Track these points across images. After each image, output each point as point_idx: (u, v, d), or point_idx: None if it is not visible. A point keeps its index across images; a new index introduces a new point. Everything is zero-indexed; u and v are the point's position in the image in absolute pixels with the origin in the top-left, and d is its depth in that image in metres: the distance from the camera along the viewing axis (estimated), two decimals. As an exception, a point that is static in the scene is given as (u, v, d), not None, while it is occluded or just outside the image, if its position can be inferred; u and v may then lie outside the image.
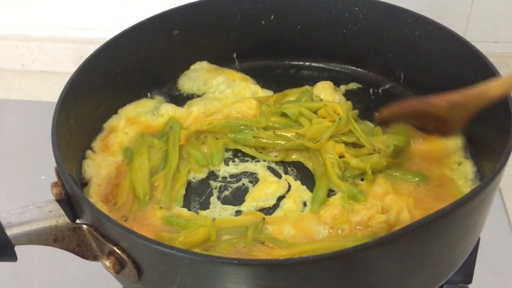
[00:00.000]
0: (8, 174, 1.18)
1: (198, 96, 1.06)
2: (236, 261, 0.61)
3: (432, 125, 0.88)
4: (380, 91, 1.07)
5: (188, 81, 1.08)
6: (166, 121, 0.98)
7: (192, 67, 1.09)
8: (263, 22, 1.09)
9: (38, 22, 1.37)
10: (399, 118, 0.91)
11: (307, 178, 0.90)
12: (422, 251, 0.68)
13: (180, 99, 1.05)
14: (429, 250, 0.68)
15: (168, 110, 1.00)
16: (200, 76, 1.08)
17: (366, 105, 1.04)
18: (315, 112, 0.97)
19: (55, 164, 0.75)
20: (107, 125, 0.97)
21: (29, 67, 1.39)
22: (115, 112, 1.00)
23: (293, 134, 0.93)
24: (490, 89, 0.80)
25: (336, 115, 0.94)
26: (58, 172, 0.75)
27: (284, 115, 0.97)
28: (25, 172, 1.14)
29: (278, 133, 0.94)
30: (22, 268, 1.02)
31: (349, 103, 1.02)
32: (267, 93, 1.06)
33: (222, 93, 1.05)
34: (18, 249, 0.70)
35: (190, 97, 1.05)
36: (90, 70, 0.93)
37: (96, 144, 0.94)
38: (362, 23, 1.06)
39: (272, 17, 1.09)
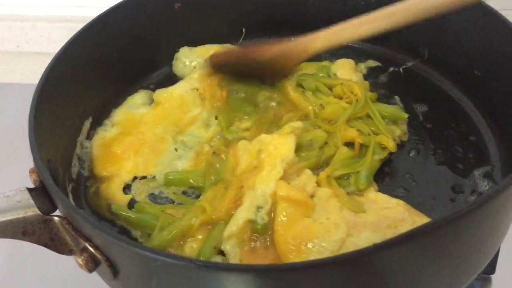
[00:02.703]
0: (3, 159, 1.13)
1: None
2: (212, 265, 0.53)
3: (261, 71, 0.90)
4: (401, 69, 0.97)
5: (182, 64, 0.99)
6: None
7: (177, 55, 1.00)
8: (274, -6, 1.00)
9: (31, 1, 1.30)
10: (231, 65, 0.92)
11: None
12: (454, 247, 0.59)
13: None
14: (461, 245, 0.59)
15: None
16: (195, 55, 0.99)
17: (385, 86, 0.94)
18: (330, 90, 0.89)
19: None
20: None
21: (24, 49, 1.34)
22: (108, 99, 0.93)
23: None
24: (311, 43, 0.84)
25: (353, 95, 0.85)
26: (33, 158, 0.68)
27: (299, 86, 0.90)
28: (20, 157, 1.08)
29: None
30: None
31: (366, 83, 0.93)
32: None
33: None
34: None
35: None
36: (79, 47, 0.86)
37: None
38: (381, -6, 0.95)
39: (284, -12, 1.00)
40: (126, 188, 0.81)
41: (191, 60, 0.99)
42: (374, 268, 0.55)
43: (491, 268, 0.87)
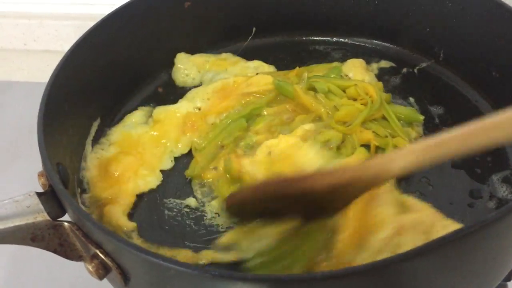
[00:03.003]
0: (9, 160, 1.11)
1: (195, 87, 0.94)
2: (227, 275, 0.51)
3: (302, 210, 0.64)
4: (415, 70, 0.95)
5: (178, 71, 0.97)
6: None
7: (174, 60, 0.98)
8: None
9: (38, -2, 1.29)
10: (256, 205, 0.66)
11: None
12: (475, 257, 0.56)
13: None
14: (488, 252, 0.57)
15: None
16: (190, 64, 0.97)
17: (398, 87, 0.92)
18: (344, 91, 0.87)
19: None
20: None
21: (31, 46, 1.31)
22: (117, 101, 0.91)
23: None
24: (390, 164, 0.58)
25: (368, 97, 0.83)
26: (42, 161, 0.67)
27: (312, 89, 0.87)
28: (27, 158, 1.07)
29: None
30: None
31: (380, 84, 0.91)
32: (272, 68, 0.96)
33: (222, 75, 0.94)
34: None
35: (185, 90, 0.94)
36: (88, 46, 0.84)
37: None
38: (396, -8, 0.93)
39: (294, -14, 0.98)
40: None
41: (186, 68, 0.96)
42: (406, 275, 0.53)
43: (507, 275, 0.85)
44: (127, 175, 0.80)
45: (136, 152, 0.83)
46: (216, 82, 0.92)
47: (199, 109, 0.89)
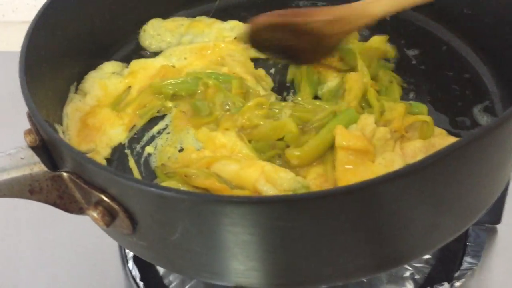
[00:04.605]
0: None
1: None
2: (247, 200, 0.51)
3: (305, 44, 0.79)
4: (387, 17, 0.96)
5: (151, 38, 0.94)
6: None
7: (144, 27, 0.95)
8: None
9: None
10: (272, 33, 0.79)
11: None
12: (461, 178, 0.58)
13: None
14: (469, 176, 0.59)
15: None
16: (163, 29, 0.94)
17: (373, 33, 0.93)
18: None
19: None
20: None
21: (10, 18, 1.29)
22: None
23: None
24: (373, 6, 0.75)
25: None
26: (30, 116, 0.64)
27: None
28: (6, 126, 1.04)
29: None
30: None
31: (356, 32, 0.92)
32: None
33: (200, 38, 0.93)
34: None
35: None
36: (57, 11, 0.81)
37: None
38: None
39: None
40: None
41: (160, 33, 0.94)
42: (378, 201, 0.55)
43: (496, 218, 0.88)
44: (102, 128, 0.79)
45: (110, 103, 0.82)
46: (196, 43, 0.91)
47: (174, 66, 0.88)
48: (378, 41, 0.87)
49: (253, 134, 0.75)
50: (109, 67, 0.88)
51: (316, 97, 0.83)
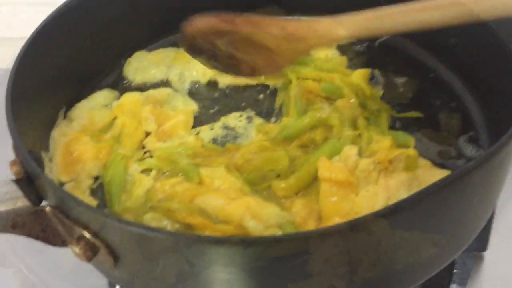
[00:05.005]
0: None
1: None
2: (226, 240, 0.51)
3: (250, 56, 0.69)
4: (376, 44, 0.97)
5: (135, 70, 0.93)
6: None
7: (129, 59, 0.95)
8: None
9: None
10: (212, 38, 0.68)
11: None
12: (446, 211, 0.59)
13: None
14: (453, 210, 0.59)
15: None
16: (148, 62, 0.94)
17: (361, 60, 0.94)
18: None
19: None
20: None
21: (4, 34, 1.27)
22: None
23: None
24: (336, 28, 0.66)
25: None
26: (15, 148, 0.65)
27: None
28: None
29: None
30: None
31: (344, 58, 0.93)
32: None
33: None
34: None
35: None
36: (51, 33, 0.82)
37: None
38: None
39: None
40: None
41: (145, 65, 0.93)
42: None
43: (483, 245, 0.88)
44: (84, 158, 0.78)
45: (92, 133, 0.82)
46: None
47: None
48: (361, 76, 0.87)
49: (245, 168, 0.75)
50: (101, 97, 0.88)
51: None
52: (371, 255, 0.58)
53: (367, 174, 0.71)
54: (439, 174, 0.72)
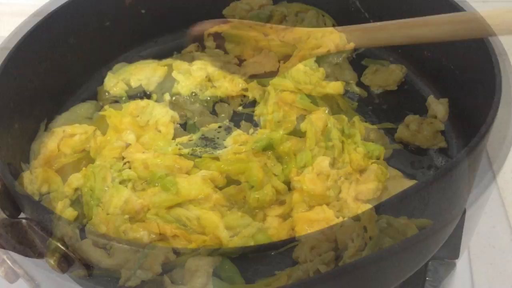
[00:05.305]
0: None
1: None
2: (191, 251, 0.53)
3: (251, 57, 0.78)
4: (354, 55, 0.99)
5: (115, 82, 0.94)
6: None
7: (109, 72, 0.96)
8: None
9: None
10: (216, 41, 0.78)
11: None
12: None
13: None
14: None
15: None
16: (127, 73, 0.95)
17: (338, 73, 0.95)
18: None
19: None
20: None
21: None
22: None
23: None
24: (340, 36, 0.72)
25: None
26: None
27: None
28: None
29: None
30: None
31: (322, 70, 0.94)
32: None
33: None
34: None
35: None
36: (33, 43, 0.83)
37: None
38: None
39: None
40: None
41: (124, 77, 0.94)
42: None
43: (455, 253, 0.90)
44: (64, 169, 0.80)
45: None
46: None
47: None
48: (336, 88, 0.89)
49: (220, 179, 0.77)
50: (82, 109, 0.89)
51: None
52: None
53: (339, 184, 0.74)
54: (408, 184, 0.74)
